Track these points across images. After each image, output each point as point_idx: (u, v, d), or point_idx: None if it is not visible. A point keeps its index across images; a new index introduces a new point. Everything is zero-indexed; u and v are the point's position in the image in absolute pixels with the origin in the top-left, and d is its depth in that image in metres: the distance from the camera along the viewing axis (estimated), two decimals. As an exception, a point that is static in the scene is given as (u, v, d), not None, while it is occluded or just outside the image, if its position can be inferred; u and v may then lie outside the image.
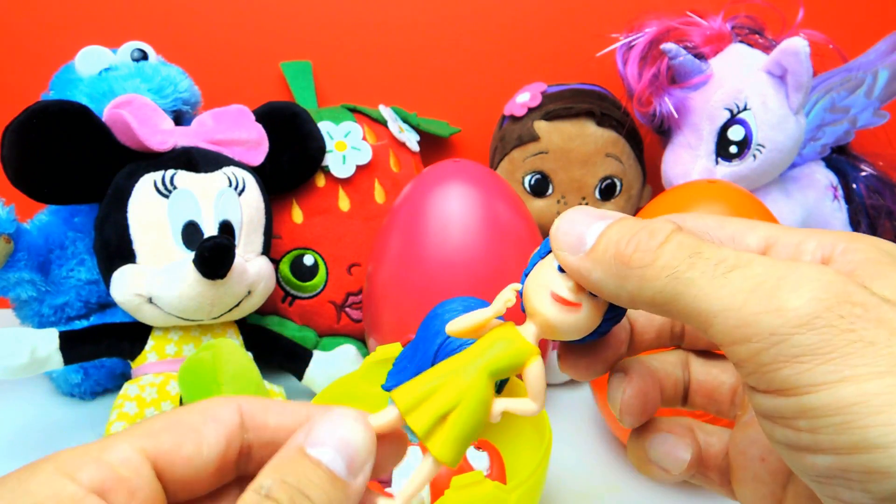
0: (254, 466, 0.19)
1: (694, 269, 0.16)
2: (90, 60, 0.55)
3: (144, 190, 0.46)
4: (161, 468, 0.18)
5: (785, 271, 0.16)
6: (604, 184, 0.58)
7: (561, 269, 0.20)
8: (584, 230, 0.19)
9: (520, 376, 0.21)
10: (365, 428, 0.19)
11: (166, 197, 0.46)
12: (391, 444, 0.20)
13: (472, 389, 0.20)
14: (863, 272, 0.17)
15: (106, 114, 0.47)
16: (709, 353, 0.24)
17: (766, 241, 0.19)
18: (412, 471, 0.20)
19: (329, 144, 0.59)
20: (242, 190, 0.49)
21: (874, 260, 0.17)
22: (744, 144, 0.55)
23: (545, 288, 0.20)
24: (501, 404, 0.21)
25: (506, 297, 0.21)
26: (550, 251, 0.21)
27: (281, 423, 0.20)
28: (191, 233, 0.46)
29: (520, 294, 0.21)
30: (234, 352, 0.40)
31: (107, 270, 0.47)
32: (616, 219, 0.19)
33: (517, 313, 0.21)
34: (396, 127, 0.65)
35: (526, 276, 0.21)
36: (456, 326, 0.21)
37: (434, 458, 0.20)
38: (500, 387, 0.39)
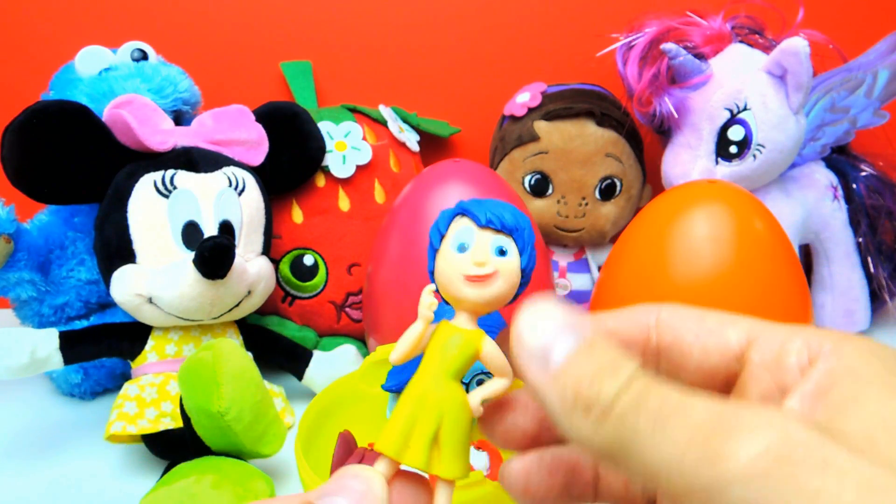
0: None
1: (639, 417, 0.15)
2: (90, 60, 0.55)
3: (144, 190, 0.46)
4: None
5: (725, 417, 0.14)
6: (604, 184, 0.58)
7: (460, 250, 0.21)
8: (551, 344, 0.17)
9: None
10: (372, 477, 0.19)
11: (166, 197, 0.46)
12: (412, 488, 0.20)
13: (446, 401, 0.20)
14: (838, 392, 0.15)
15: (106, 114, 0.47)
16: None
17: (748, 337, 0.18)
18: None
19: (329, 144, 0.59)
20: (242, 190, 0.49)
21: (856, 373, 0.16)
22: (744, 144, 0.55)
23: (456, 274, 0.21)
24: (477, 396, 0.21)
25: (427, 302, 0.21)
26: (443, 236, 0.21)
27: None
28: (191, 233, 0.46)
29: (437, 292, 0.22)
30: (234, 352, 0.40)
31: (107, 270, 0.47)
32: (583, 340, 0.17)
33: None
34: (396, 127, 0.65)
35: (432, 272, 0.22)
36: (397, 354, 0.21)
37: (446, 481, 0.20)
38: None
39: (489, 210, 0.21)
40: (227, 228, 0.48)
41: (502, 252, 0.21)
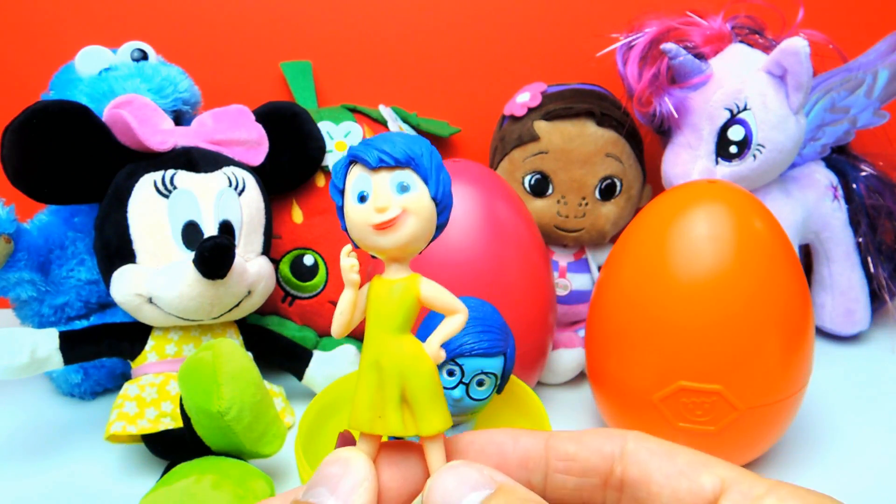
0: None
1: None
2: (90, 60, 0.55)
3: (144, 190, 0.46)
4: None
5: None
6: (604, 184, 0.58)
7: (361, 200, 0.19)
8: (457, 503, 0.17)
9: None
10: (351, 456, 0.19)
11: (166, 197, 0.46)
12: (401, 458, 0.20)
13: (401, 357, 0.19)
14: None
15: (106, 114, 0.47)
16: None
17: (722, 485, 0.17)
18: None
19: (329, 144, 0.59)
20: (242, 190, 0.49)
21: None
22: (744, 144, 0.55)
23: (364, 227, 0.19)
24: (435, 341, 0.20)
25: (349, 264, 0.20)
26: (341, 191, 0.20)
27: None
28: (191, 233, 0.46)
29: (356, 248, 0.21)
30: (234, 352, 0.40)
31: (107, 270, 0.47)
32: (491, 491, 0.17)
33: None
34: (396, 127, 0.65)
35: (348, 233, 0.20)
36: (336, 328, 0.21)
37: (429, 438, 0.19)
38: (500, 389, 0.39)
39: (376, 148, 0.19)
40: (227, 228, 0.48)
41: (404, 188, 0.19)
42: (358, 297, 0.21)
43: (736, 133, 0.55)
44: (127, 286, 0.45)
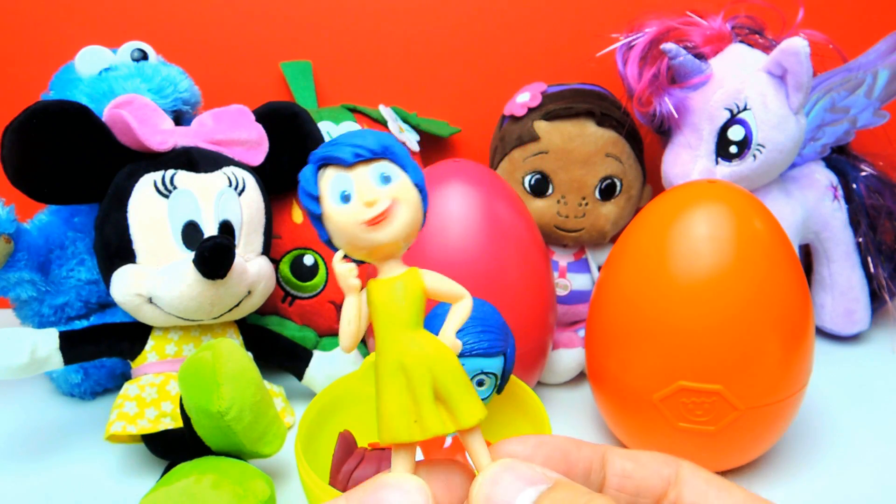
0: None
1: None
2: (90, 60, 0.55)
3: (144, 190, 0.46)
4: None
5: None
6: (604, 184, 0.58)
7: (345, 200, 0.18)
8: (512, 499, 0.17)
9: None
10: (411, 487, 0.17)
11: (166, 197, 0.46)
12: (441, 472, 0.19)
13: (426, 353, 0.19)
14: None
15: (106, 114, 0.47)
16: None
17: None
18: None
19: (329, 144, 0.59)
20: (242, 190, 0.49)
21: None
22: (744, 144, 0.55)
23: (353, 227, 0.18)
24: (450, 331, 0.19)
25: (347, 268, 0.19)
26: (317, 198, 0.19)
27: None
28: (191, 233, 0.46)
29: (346, 257, 0.20)
30: (234, 352, 0.40)
31: (107, 270, 0.47)
32: (548, 486, 0.17)
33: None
34: (396, 127, 0.64)
35: (328, 241, 0.20)
36: (347, 341, 0.20)
37: (469, 430, 0.19)
38: (500, 389, 0.39)
39: (347, 144, 0.19)
40: (227, 228, 0.48)
41: (387, 179, 0.19)
42: (361, 304, 0.20)
43: (736, 133, 0.55)
44: (127, 286, 0.45)
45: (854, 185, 0.63)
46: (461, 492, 0.19)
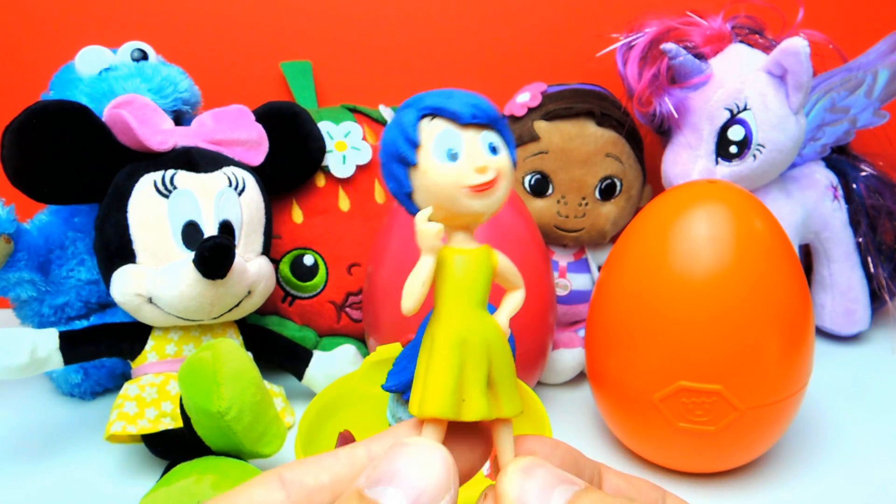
0: None
1: None
2: (90, 60, 0.55)
3: (144, 190, 0.46)
4: None
5: None
6: (604, 184, 0.58)
7: (452, 158, 0.17)
8: (548, 494, 0.16)
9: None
10: (434, 459, 0.16)
11: (166, 197, 0.46)
12: (466, 451, 0.19)
13: (489, 334, 0.18)
14: None
15: (106, 114, 0.47)
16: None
17: None
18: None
19: (329, 144, 0.59)
20: (242, 190, 0.49)
21: None
22: (744, 144, 0.55)
23: (455, 188, 0.17)
24: (504, 318, 0.19)
25: (435, 230, 0.17)
26: (417, 146, 0.17)
27: (331, 477, 0.17)
28: (191, 233, 0.46)
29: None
30: (234, 352, 0.40)
31: (107, 270, 0.47)
32: (581, 488, 0.16)
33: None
34: (396, 127, 0.64)
35: (408, 195, 0.18)
36: (412, 301, 0.18)
37: (506, 421, 0.18)
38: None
39: (466, 103, 0.18)
40: (227, 228, 0.48)
41: (495, 150, 0.18)
42: (433, 267, 0.18)
43: (736, 133, 0.55)
44: (127, 286, 0.45)
45: (854, 185, 0.63)
46: (473, 465, 0.19)
